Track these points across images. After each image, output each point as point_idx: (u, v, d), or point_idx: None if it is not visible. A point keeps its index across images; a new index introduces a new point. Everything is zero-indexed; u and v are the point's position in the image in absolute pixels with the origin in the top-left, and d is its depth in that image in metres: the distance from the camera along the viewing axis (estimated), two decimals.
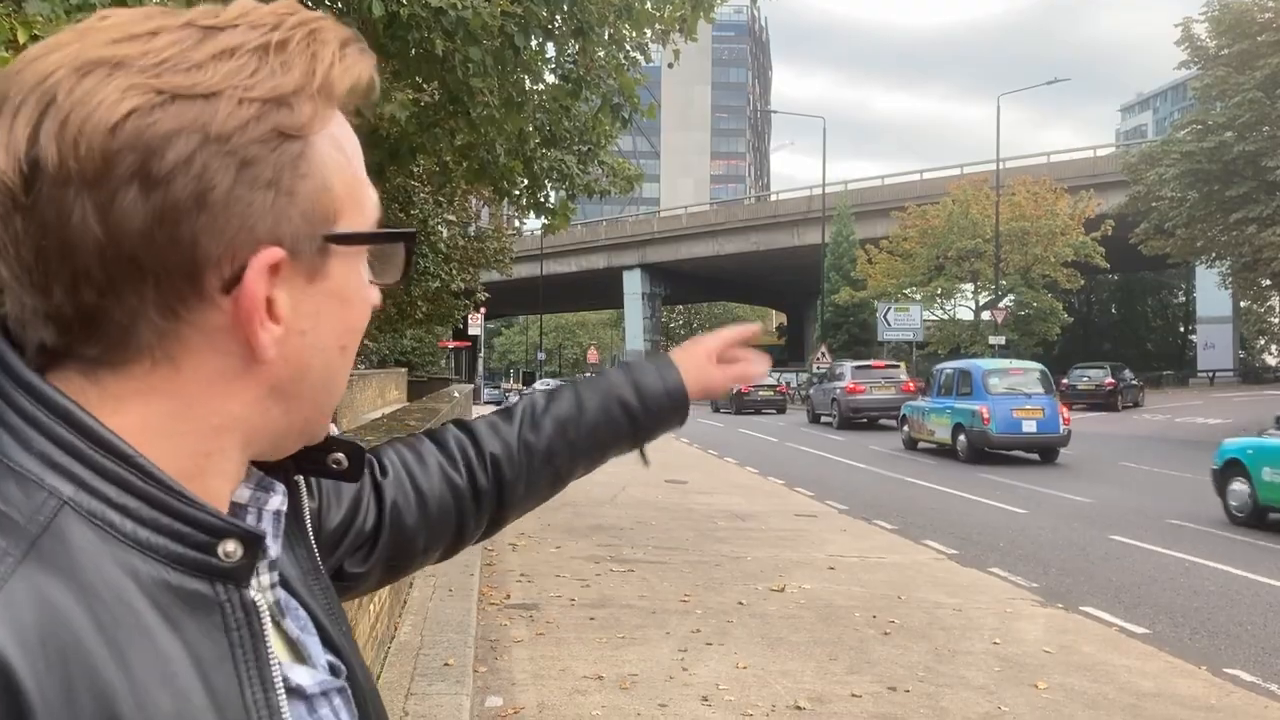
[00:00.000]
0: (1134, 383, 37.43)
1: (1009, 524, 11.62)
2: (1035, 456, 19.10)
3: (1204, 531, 10.91)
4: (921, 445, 21.43)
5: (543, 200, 9.48)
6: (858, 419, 28.63)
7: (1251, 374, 49.20)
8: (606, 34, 7.46)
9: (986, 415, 18.62)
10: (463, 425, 1.09)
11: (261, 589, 0.66)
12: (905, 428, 22.40)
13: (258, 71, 0.58)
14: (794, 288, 63.94)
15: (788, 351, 67.13)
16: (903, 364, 32.12)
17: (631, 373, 1.13)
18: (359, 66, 0.63)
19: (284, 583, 0.71)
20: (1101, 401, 34.81)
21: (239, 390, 0.61)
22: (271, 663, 0.60)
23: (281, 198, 0.58)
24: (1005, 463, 18.43)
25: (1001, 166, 41.95)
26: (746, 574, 8.52)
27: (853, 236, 49.32)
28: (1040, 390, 19.26)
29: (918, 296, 43.53)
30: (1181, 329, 60.01)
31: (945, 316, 45.10)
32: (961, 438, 19.30)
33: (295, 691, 0.64)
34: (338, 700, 0.69)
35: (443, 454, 1.04)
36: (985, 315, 42.60)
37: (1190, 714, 5.31)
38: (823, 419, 30.97)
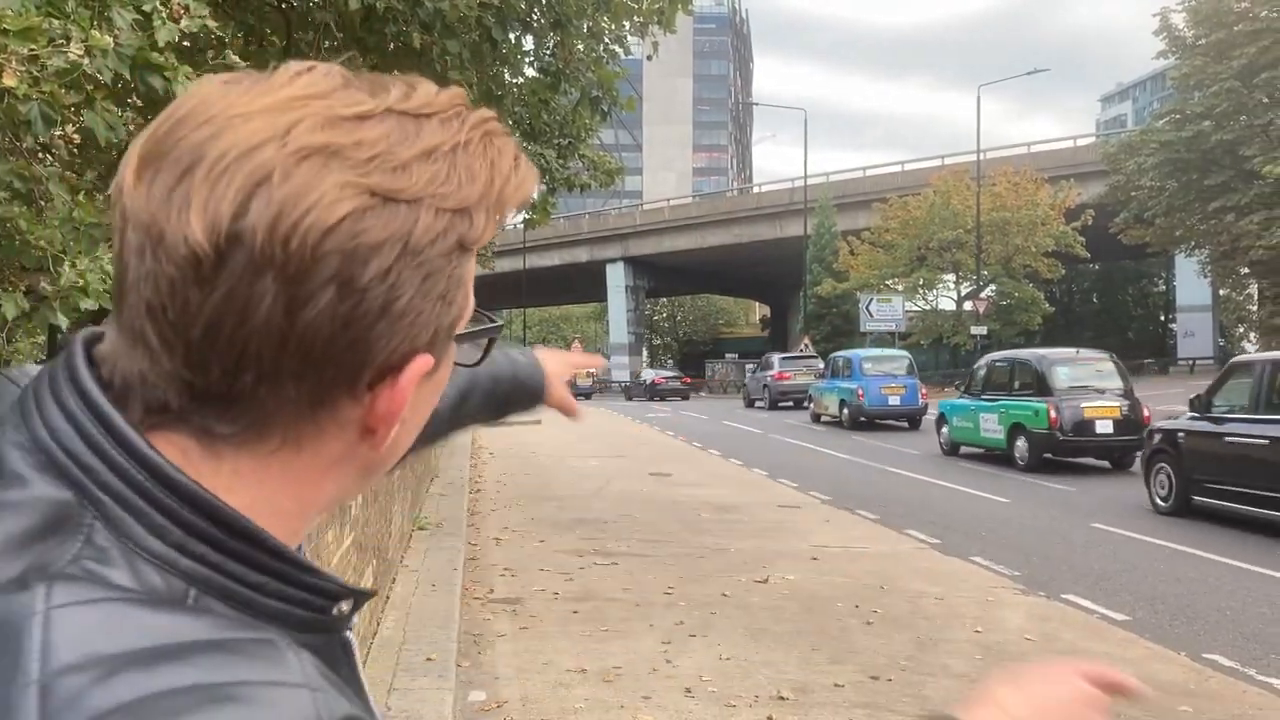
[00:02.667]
0: None
1: (991, 513, 11.69)
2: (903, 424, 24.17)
3: (1184, 520, 10.98)
4: (824, 419, 26.29)
5: None
6: (784, 401, 34.16)
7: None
8: (585, 27, 7.45)
9: (861, 393, 24.12)
10: None
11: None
12: (810, 404, 27.72)
13: (450, 179, 0.56)
14: (777, 279, 64.02)
15: (771, 343, 67.29)
16: (818, 356, 36.25)
17: (516, 365, 1.34)
18: (529, 182, 0.63)
19: None
20: None
21: (341, 474, 0.62)
22: (368, 694, 0.64)
23: (444, 308, 0.58)
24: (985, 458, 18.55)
25: (982, 157, 42.14)
26: (730, 565, 8.54)
27: (835, 228, 49.44)
28: (904, 373, 24.79)
29: (900, 287, 43.75)
30: (1162, 318, 60.32)
31: (927, 307, 45.29)
32: (845, 410, 24.64)
33: None
34: None
35: None
36: (967, 305, 42.83)
37: (1169, 699, 5.35)
38: (756, 403, 36.51)
